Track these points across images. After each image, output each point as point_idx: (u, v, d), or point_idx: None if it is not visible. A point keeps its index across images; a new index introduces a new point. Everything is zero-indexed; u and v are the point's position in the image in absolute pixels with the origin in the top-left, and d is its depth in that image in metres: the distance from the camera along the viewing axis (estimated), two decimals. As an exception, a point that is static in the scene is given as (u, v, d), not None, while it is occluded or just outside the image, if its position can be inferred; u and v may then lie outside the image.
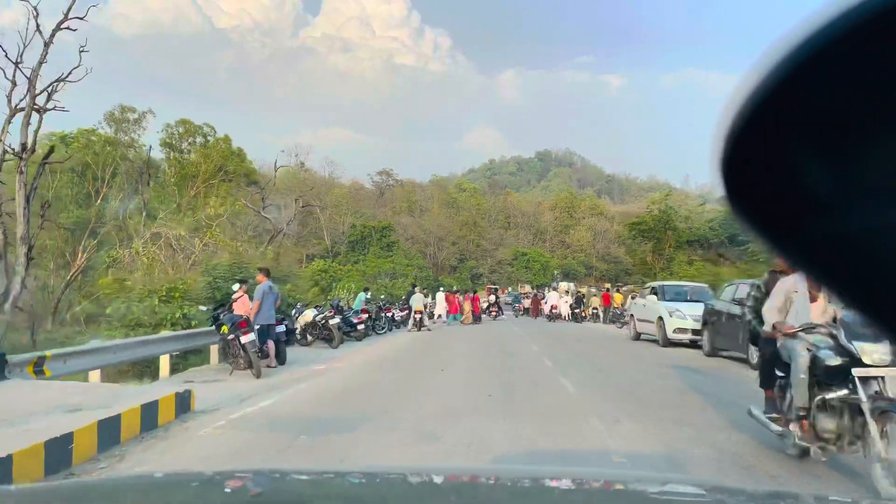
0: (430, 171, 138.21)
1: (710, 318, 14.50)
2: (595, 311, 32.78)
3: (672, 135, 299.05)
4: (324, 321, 16.58)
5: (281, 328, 12.70)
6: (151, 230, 28.56)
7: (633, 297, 27.59)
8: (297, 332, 16.52)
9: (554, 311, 33.63)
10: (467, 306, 29.24)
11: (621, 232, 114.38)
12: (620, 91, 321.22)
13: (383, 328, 21.72)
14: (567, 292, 40.71)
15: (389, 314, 23.07)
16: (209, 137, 48.78)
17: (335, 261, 67.54)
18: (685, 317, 16.04)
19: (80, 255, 35.60)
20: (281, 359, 12.59)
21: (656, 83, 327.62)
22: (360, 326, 18.34)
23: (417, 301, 23.58)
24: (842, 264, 0.46)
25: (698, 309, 15.71)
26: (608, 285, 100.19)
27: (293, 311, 17.31)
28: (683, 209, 46.14)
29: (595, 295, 36.34)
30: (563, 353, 15.32)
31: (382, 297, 32.35)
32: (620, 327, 26.18)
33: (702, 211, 46.08)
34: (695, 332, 15.68)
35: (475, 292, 31.71)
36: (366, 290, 23.36)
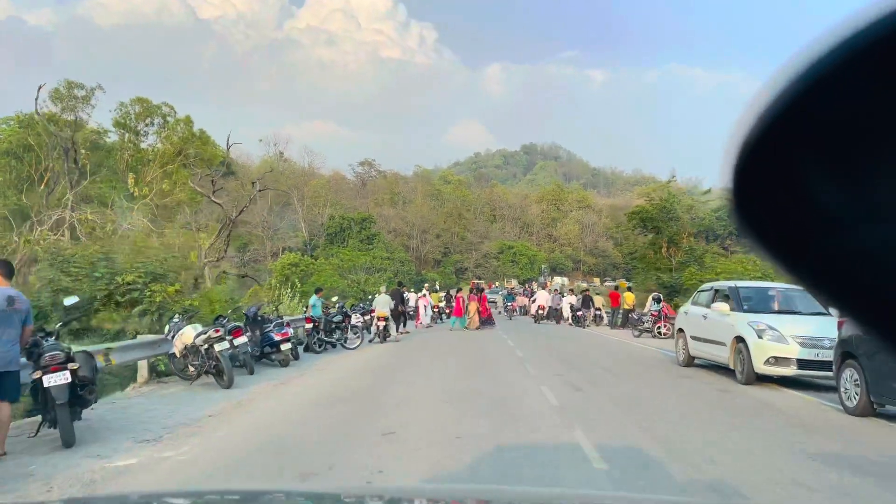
0: (415, 165, 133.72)
1: (860, 348, 8.49)
2: (598, 312, 27.77)
3: (657, 129, 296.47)
4: (208, 346, 10.31)
5: (58, 377, 6.66)
6: (55, 216, 23.84)
7: (648, 299, 23.51)
8: (176, 359, 10.92)
9: (541, 311, 29.08)
10: (473, 307, 24.22)
11: (609, 225, 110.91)
12: (605, 86, 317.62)
13: (354, 339, 16.50)
14: (561, 290, 36.53)
15: (360, 320, 18.31)
16: (169, 118, 43.90)
17: (312, 255, 63.01)
18: (785, 339, 10.62)
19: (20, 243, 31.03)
20: (65, 437, 6.77)
21: (640, 78, 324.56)
22: (285, 346, 12.56)
23: (381, 304, 18.64)
24: (851, 283, 0.45)
25: (806, 326, 10.64)
26: (597, 280, 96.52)
27: (168, 328, 11.50)
28: (686, 198, 42.02)
29: (599, 293, 31.06)
30: (596, 402, 9.47)
31: (353, 300, 27.99)
32: (638, 335, 21.32)
33: (706, 200, 42.12)
34: (804, 363, 10.48)
35: (480, 291, 26.42)
36: (318, 290, 18.05)
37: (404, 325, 21.48)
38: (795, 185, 0.43)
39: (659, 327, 20.57)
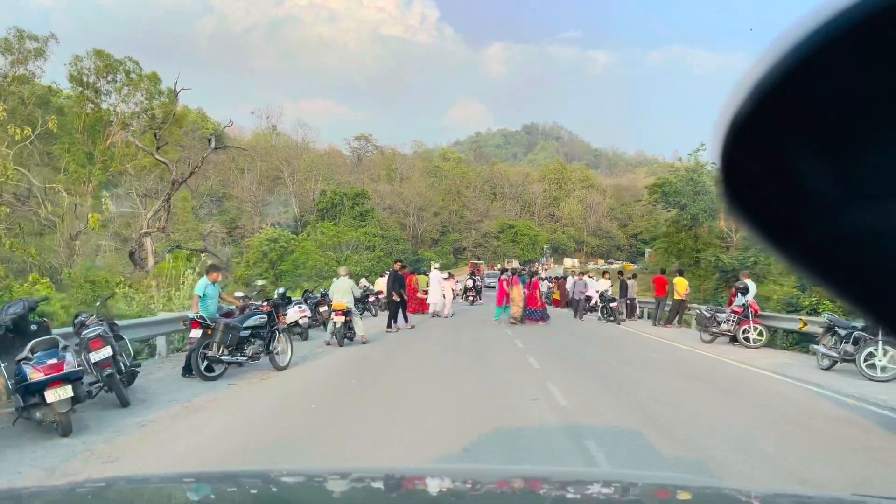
0: (413, 140, 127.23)
1: None
2: (629, 302, 21.07)
3: (659, 111, 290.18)
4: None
5: None
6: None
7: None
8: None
9: (590, 304, 22.01)
10: (517, 293, 18.02)
11: (614, 206, 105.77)
12: (607, 67, 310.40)
13: (285, 350, 9.91)
14: (571, 272, 31.31)
15: (305, 316, 13.82)
16: (132, 75, 38.63)
17: (300, 231, 58.03)
18: None
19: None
20: None
21: (643, 59, 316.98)
22: (58, 393, 5.50)
23: (339, 292, 13.29)
24: (842, 266, 0.44)
25: None
26: (601, 261, 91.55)
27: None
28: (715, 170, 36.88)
29: (631, 278, 22.35)
30: None
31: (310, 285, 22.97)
32: (710, 340, 14.69)
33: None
34: None
35: (533, 275, 20.54)
36: (210, 270, 10.50)
37: (406, 320, 16.31)
38: (785, 165, 0.42)
39: (745, 331, 13.93)
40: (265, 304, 10.16)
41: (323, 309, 14.65)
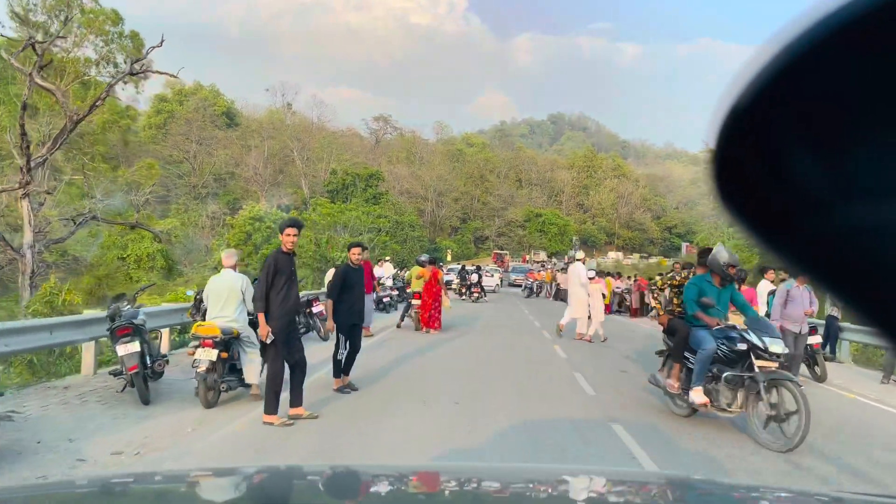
0: (434, 121, 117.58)
1: None
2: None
3: (688, 104, 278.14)
4: None
5: None
6: None
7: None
8: None
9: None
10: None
11: (647, 196, 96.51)
12: (636, 59, 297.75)
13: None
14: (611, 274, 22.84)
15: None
16: (90, 16, 31.16)
17: (312, 210, 50.42)
18: None
19: None
20: None
21: (673, 52, 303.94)
22: None
23: (220, 296, 6.37)
24: (836, 263, 0.43)
25: None
26: (636, 255, 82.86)
27: None
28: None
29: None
30: None
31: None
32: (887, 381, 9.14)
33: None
34: None
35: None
36: None
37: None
38: (779, 160, 0.41)
39: None
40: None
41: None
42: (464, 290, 25.28)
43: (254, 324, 6.19)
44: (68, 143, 21.88)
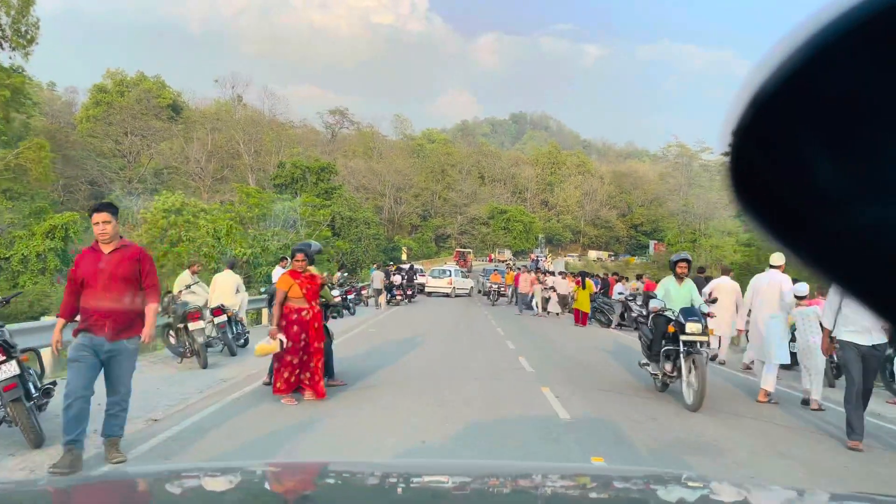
0: (393, 114, 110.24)
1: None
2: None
3: (648, 104, 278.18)
4: None
5: None
6: None
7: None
8: None
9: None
10: None
11: (612, 193, 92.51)
12: (599, 60, 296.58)
13: None
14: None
15: None
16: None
17: (238, 202, 44.29)
18: None
19: None
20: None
21: (634, 53, 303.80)
22: None
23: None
24: (851, 261, 0.42)
25: None
26: (604, 253, 78.78)
27: None
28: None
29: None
30: None
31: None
32: None
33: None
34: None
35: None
36: None
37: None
38: (795, 157, 0.40)
39: None
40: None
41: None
42: (396, 296, 20.53)
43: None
44: None
